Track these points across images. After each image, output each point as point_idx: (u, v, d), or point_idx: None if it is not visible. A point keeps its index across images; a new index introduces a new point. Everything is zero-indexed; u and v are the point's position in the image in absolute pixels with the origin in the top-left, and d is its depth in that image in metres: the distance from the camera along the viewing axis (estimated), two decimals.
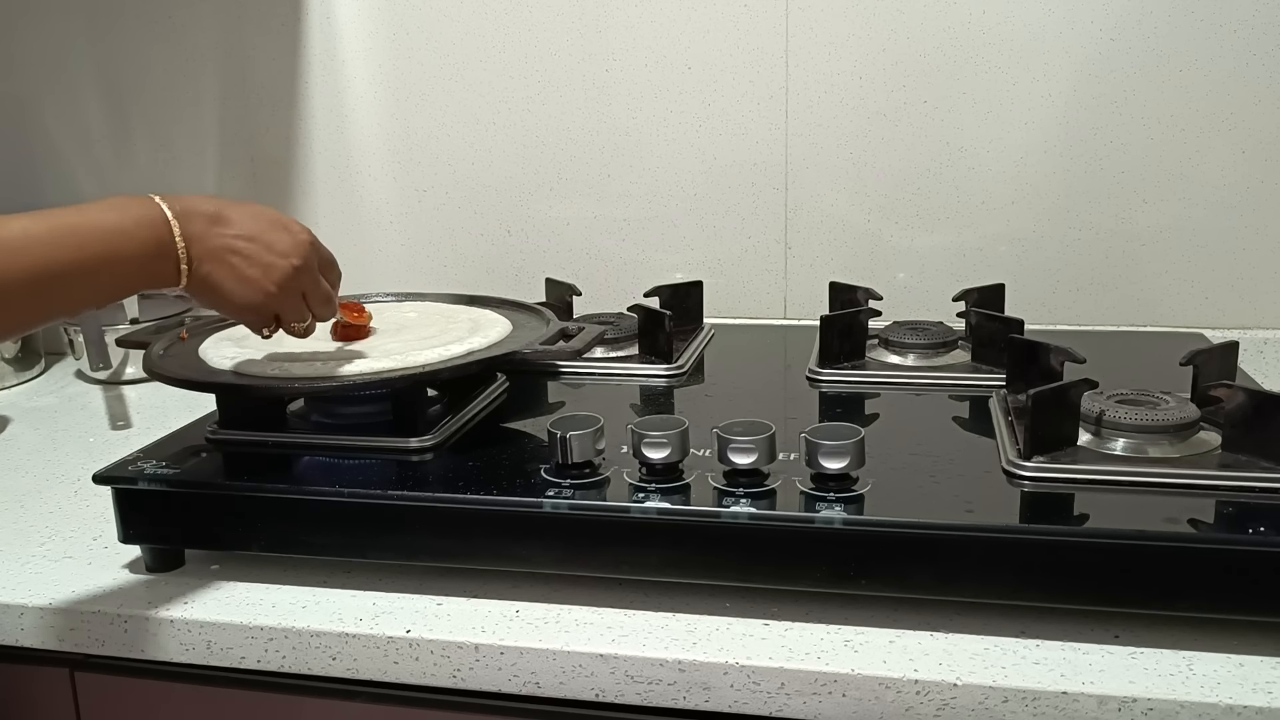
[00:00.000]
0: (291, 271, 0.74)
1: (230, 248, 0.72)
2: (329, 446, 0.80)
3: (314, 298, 0.77)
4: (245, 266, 0.72)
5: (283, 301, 0.75)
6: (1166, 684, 0.60)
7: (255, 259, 0.73)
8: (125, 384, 1.21)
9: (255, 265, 0.72)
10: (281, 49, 1.28)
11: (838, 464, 0.68)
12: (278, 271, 0.73)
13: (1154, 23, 1.07)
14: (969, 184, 1.15)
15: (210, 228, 0.71)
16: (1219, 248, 1.11)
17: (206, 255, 0.71)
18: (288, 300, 0.75)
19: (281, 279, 0.74)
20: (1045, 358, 0.80)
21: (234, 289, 0.72)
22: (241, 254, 0.72)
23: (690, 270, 1.22)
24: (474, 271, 1.29)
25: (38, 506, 0.89)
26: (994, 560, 0.65)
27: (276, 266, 0.73)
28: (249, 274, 0.72)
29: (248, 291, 0.73)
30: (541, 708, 0.69)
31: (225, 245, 0.72)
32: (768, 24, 1.15)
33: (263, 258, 0.73)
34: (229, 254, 0.72)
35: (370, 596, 0.72)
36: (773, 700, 0.63)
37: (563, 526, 0.70)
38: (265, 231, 0.73)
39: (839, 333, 0.96)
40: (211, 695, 0.75)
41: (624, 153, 1.22)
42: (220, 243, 0.71)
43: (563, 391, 0.95)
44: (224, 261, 0.71)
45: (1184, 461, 0.71)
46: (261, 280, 0.73)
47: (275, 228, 0.74)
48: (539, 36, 1.21)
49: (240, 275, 0.72)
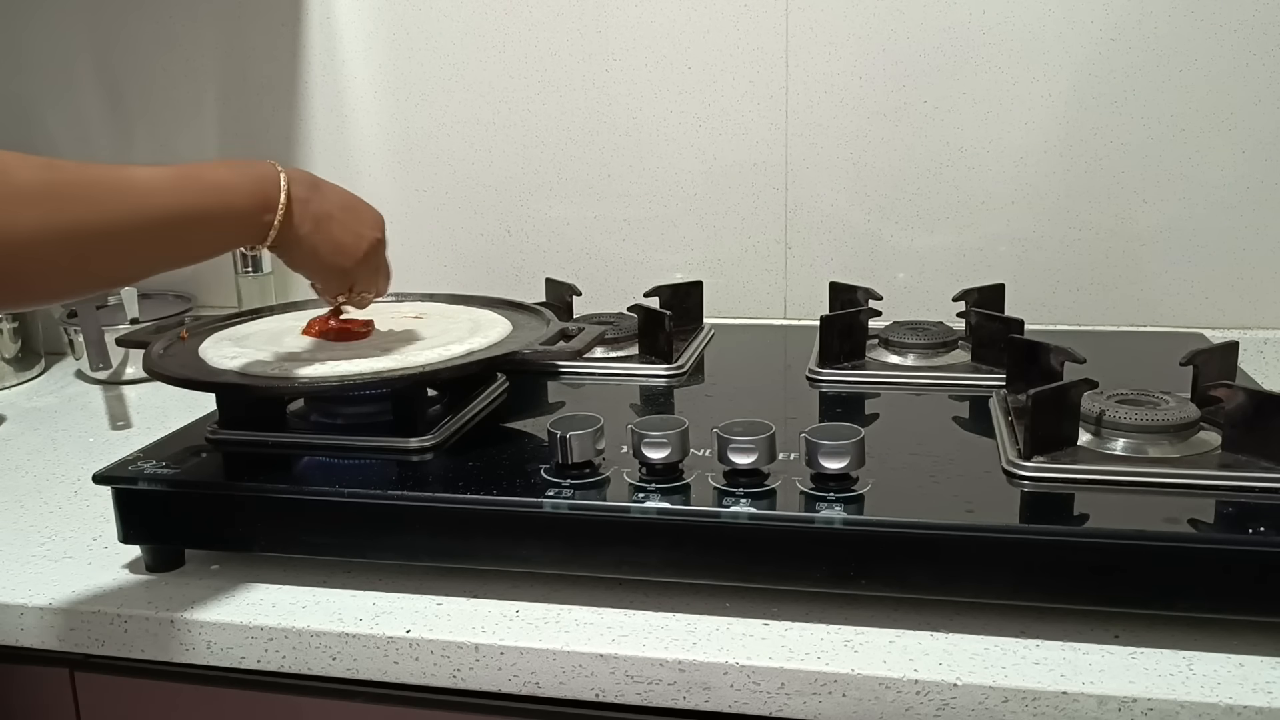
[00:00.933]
0: (375, 243, 0.81)
1: (328, 214, 0.77)
2: (329, 446, 0.80)
3: (384, 271, 0.85)
4: (340, 233, 0.78)
5: (363, 269, 0.81)
6: (1166, 684, 0.60)
7: (348, 227, 0.79)
8: (125, 384, 1.21)
9: (348, 233, 0.79)
10: (281, 49, 1.28)
11: (838, 464, 0.68)
12: (365, 241, 0.80)
13: (1154, 23, 1.07)
14: (969, 184, 1.15)
15: (312, 193, 0.76)
16: (1219, 248, 1.11)
17: (307, 217, 0.75)
18: (366, 268, 0.81)
19: (368, 248, 0.80)
20: (1045, 358, 0.80)
21: (328, 252, 0.78)
22: (337, 221, 0.78)
23: (690, 270, 1.22)
24: (474, 271, 1.29)
25: (38, 506, 0.89)
26: (994, 560, 0.65)
27: (365, 237, 0.80)
28: (342, 240, 0.78)
29: (339, 256, 0.79)
30: (541, 708, 0.69)
31: (324, 211, 0.77)
32: (768, 24, 1.15)
33: (353, 227, 0.79)
34: (326, 219, 0.77)
35: (370, 596, 0.72)
36: (773, 700, 0.63)
37: (563, 526, 0.70)
38: (354, 205, 0.80)
39: (839, 333, 0.96)
40: (211, 695, 0.75)
41: (624, 153, 1.22)
42: (320, 208, 0.76)
43: (563, 391, 0.95)
44: (321, 226, 0.77)
45: (1184, 461, 0.71)
46: (351, 248, 0.79)
47: (361, 203, 0.81)
48: (539, 36, 1.21)
49: (334, 240, 0.78)
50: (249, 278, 1.24)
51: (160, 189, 0.67)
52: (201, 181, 0.70)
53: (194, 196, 0.68)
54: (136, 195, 0.65)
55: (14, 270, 0.60)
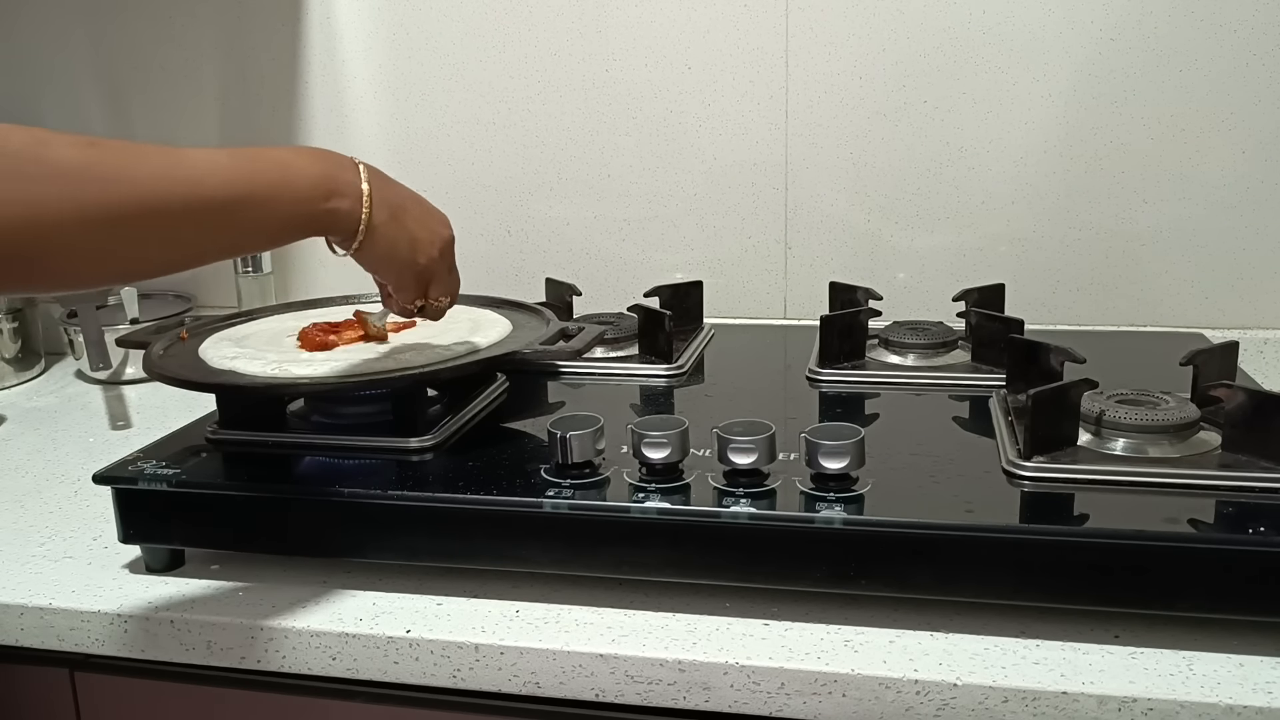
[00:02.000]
0: (449, 241, 0.75)
1: (403, 205, 0.71)
2: (329, 446, 0.80)
3: (455, 274, 0.78)
4: (416, 228, 0.72)
5: (439, 269, 0.75)
6: (1166, 684, 0.60)
7: (423, 222, 0.73)
8: (125, 384, 1.21)
9: (423, 228, 0.73)
10: (281, 48, 1.28)
11: (838, 464, 0.68)
12: (440, 240, 0.74)
13: (1154, 23, 1.07)
14: (969, 184, 1.15)
15: (387, 185, 0.70)
16: (1219, 248, 1.11)
17: (384, 203, 0.69)
18: (443, 266, 0.76)
19: (443, 246, 0.75)
20: (1045, 358, 0.80)
21: (405, 248, 0.72)
22: (412, 214, 0.72)
23: (690, 270, 1.22)
24: (474, 271, 1.28)
25: (38, 506, 0.89)
26: (994, 560, 0.65)
27: (439, 235, 0.75)
28: (419, 235, 0.72)
29: (416, 253, 0.73)
30: (541, 708, 0.69)
31: (400, 202, 0.71)
32: (768, 24, 1.15)
33: (428, 223, 0.73)
34: (402, 211, 0.71)
35: (370, 596, 0.72)
36: (773, 700, 0.63)
37: (563, 526, 0.70)
38: (424, 200, 0.74)
39: (839, 333, 0.96)
40: (211, 695, 0.75)
41: (624, 153, 1.22)
42: (396, 199, 0.71)
43: (563, 391, 0.95)
44: (398, 218, 0.70)
45: (1184, 461, 0.71)
46: (427, 244, 0.73)
47: (428, 201, 0.75)
48: (539, 36, 1.21)
49: (411, 235, 0.72)
50: (249, 278, 1.24)
51: (213, 169, 0.61)
52: (261, 160, 0.64)
53: (248, 176, 0.62)
54: (184, 175, 0.60)
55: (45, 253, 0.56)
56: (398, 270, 0.74)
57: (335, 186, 0.67)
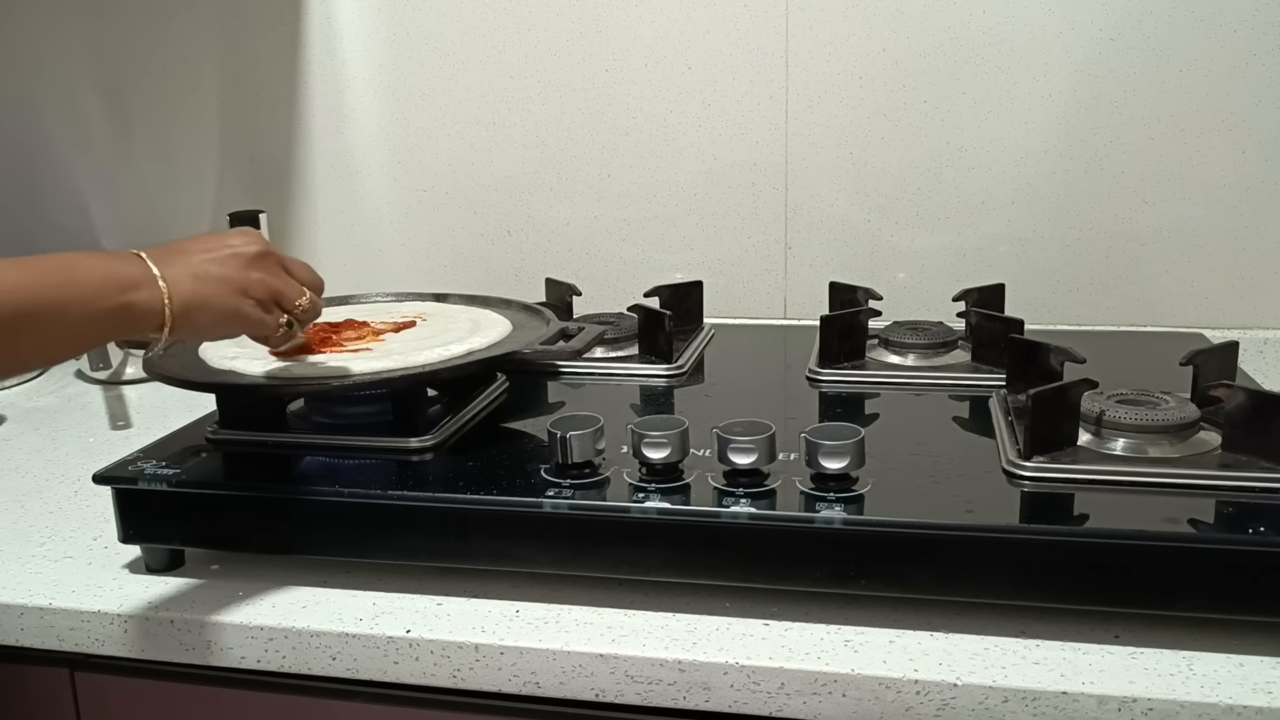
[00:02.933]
0: (256, 252, 0.72)
1: (197, 261, 0.69)
2: (329, 446, 0.80)
3: (294, 267, 0.75)
4: (217, 269, 0.69)
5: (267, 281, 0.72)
6: (1166, 684, 0.60)
7: (222, 258, 0.70)
8: (125, 384, 1.21)
9: (226, 264, 0.70)
10: (281, 49, 1.28)
11: (838, 464, 0.68)
12: (244, 257, 0.71)
13: (1154, 23, 1.07)
14: (969, 184, 1.15)
15: (173, 258, 0.68)
16: (1219, 248, 1.11)
17: (183, 277, 0.68)
18: (271, 278, 0.73)
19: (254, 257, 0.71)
20: (1045, 358, 0.80)
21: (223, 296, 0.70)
22: (208, 260, 0.69)
23: (690, 270, 1.22)
24: (474, 271, 1.29)
25: (38, 506, 0.89)
26: (994, 560, 0.65)
27: (242, 254, 0.71)
28: (224, 273, 0.70)
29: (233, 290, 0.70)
30: (541, 708, 0.69)
31: (193, 261, 0.69)
32: (768, 24, 1.15)
33: (225, 254, 0.70)
34: (199, 266, 0.69)
35: (370, 596, 0.72)
36: (773, 700, 0.63)
37: (563, 526, 0.70)
38: (211, 237, 0.72)
39: (839, 333, 0.96)
40: (211, 695, 0.74)
41: (624, 153, 1.22)
42: (187, 262, 0.69)
43: (563, 391, 0.95)
44: (200, 277, 0.69)
45: (1184, 461, 0.70)
46: (235, 274, 0.70)
47: (217, 234, 0.73)
48: (539, 36, 1.21)
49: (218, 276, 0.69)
50: None
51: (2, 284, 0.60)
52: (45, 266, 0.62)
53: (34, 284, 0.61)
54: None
55: None
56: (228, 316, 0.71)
57: (124, 280, 0.65)
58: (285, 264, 0.75)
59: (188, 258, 0.69)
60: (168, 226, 1.37)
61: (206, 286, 0.69)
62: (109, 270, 0.65)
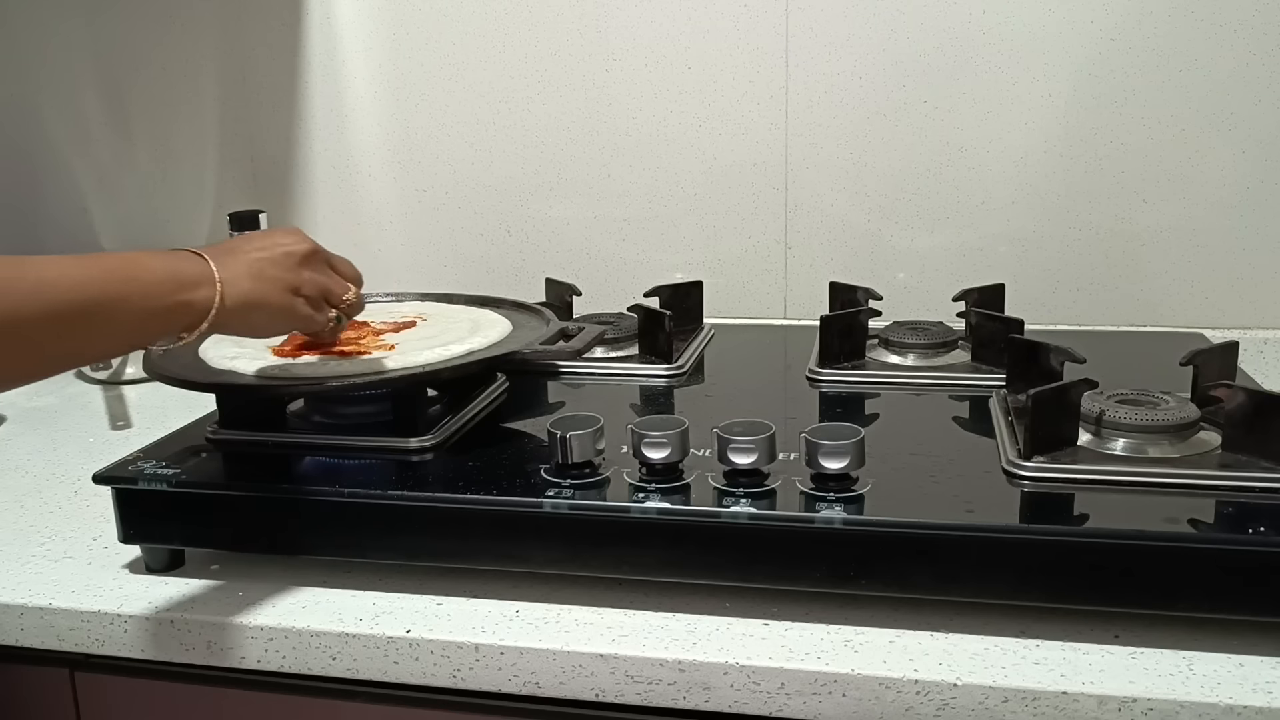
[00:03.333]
0: (306, 251, 0.75)
1: (252, 260, 0.72)
2: (329, 446, 0.80)
3: (338, 263, 0.79)
4: (270, 269, 0.72)
5: (316, 279, 0.76)
6: (1166, 684, 0.60)
7: (274, 258, 0.73)
8: (125, 384, 1.21)
9: (279, 264, 0.73)
10: (281, 49, 1.29)
11: (838, 464, 0.68)
12: (296, 256, 0.74)
13: (1154, 23, 1.07)
14: (969, 184, 1.15)
15: (228, 257, 0.71)
16: (1219, 248, 1.11)
17: (240, 276, 0.70)
18: (320, 275, 0.76)
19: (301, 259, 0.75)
20: (1045, 358, 0.80)
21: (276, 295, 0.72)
22: (262, 260, 0.72)
23: (690, 270, 1.22)
24: (474, 271, 1.29)
25: (38, 506, 0.89)
26: (994, 560, 0.65)
27: (294, 252, 0.74)
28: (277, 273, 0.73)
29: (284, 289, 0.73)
30: (541, 708, 0.69)
31: (247, 260, 0.72)
32: (768, 24, 1.15)
33: (278, 253, 0.73)
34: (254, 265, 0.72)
35: (370, 596, 0.72)
36: (773, 700, 0.63)
37: (563, 526, 0.70)
38: (262, 236, 0.75)
39: (839, 333, 0.96)
40: (211, 695, 0.75)
41: (624, 153, 1.22)
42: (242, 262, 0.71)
43: (563, 391, 0.95)
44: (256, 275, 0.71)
45: (1184, 461, 0.70)
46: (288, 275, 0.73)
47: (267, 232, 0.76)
48: (539, 36, 1.21)
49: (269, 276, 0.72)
50: None
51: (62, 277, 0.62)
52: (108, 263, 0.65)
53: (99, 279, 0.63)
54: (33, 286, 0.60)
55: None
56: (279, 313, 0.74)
57: (184, 278, 0.67)
58: (331, 261, 0.78)
59: (243, 256, 0.72)
60: (168, 226, 1.37)
61: (262, 285, 0.71)
62: (169, 269, 0.67)
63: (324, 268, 0.77)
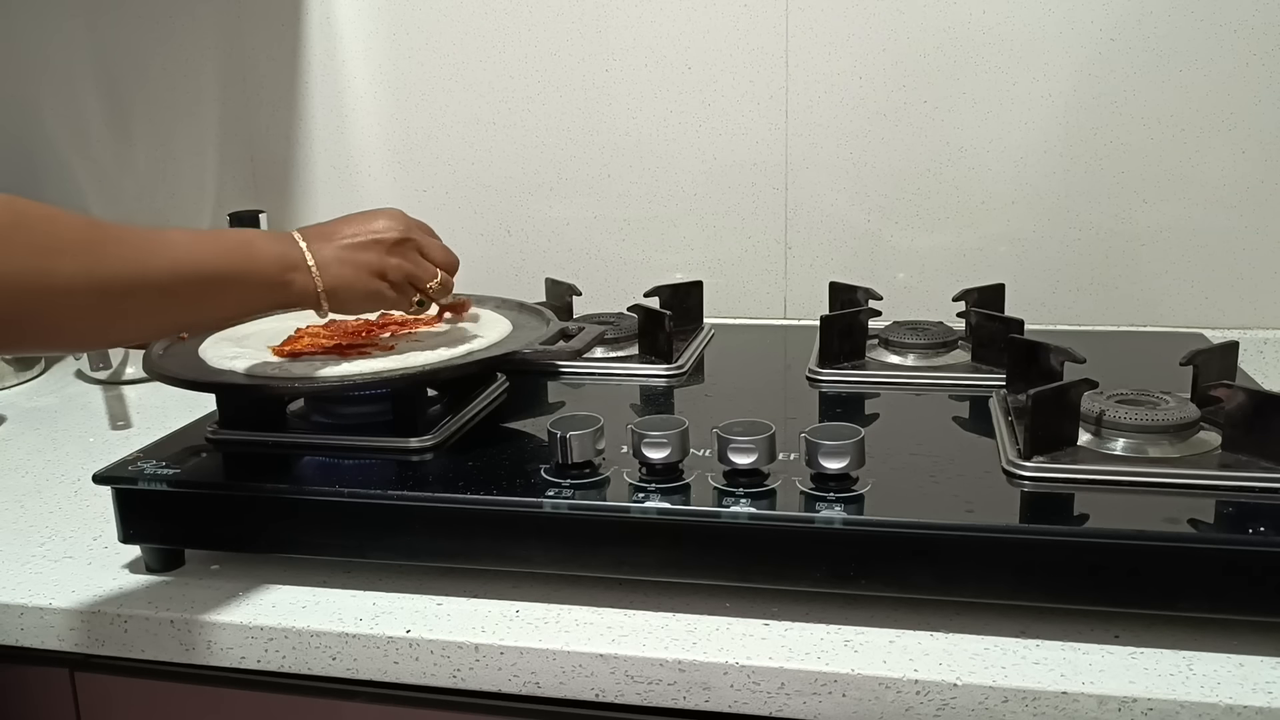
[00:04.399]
0: (399, 238, 0.80)
1: (343, 246, 0.77)
2: (329, 446, 0.80)
3: (432, 251, 0.83)
4: (360, 254, 0.78)
5: (403, 266, 0.80)
6: (1166, 684, 0.60)
7: (364, 244, 0.78)
8: (125, 384, 1.21)
9: (368, 250, 0.78)
10: (281, 49, 1.29)
11: (838, 464, 0.68)
12: (386, 243, 0.79)
13: (1154, 23, 1.07)
14: (969, 184, 1.15)
15: (323, 243, 0.76)
16: (1219, 248, 1.11)
17: (331, 261, 0.76)
18: (408, 261, 0.81)
19: (394, 243, 0.80)
20: (1045, 358, 0.80)
21: (364, 280, 0.78)
22: (353, 246, 0.78)
23: (690, 270, 1.22)
24: (474, 271, 1.28)
25: (38, 506, 0.89)
26: (994, 560, 0.65)
27: (384, 239, 0.79)
28: (365, 258, 0.78)
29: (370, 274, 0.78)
30: (541, 708, 0.69)
31: (339, 246, 0.77)
32: (768, 24, 1.15)
33: (368, 239, 0.78)
34: (344, 252, 0.77)
35: (370, 596, 0.72)
36: (773, 700, 0.63)
37: (563, 526, 0.70)
38: (359, 220, 0.80)
39: (839, 333, 0.96)
40: (211, 695, 0.75)
41: (624, 153, 1.22)
42: (334, 248, 0.77)
43: (563, 391, 0.95)
44: (345, 261, 0.77)
45: (1184, 461, 0.71)
46: (376, 261, 0.78)
47: (365, 215, 0.81)
48: (539, 36, 1.21)
49: (358, 262, 0.77)
50: None
51: (190, 250, 0.68)
52: (228, 241, 0.72)
53: (223, 255, 0.70)
54: (170, 255, 0.67)
55: (50, 316, 0.62)
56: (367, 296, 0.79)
57: (290, 260, 0.74)
58: (422, 247, 0.83)
59: (336, 241, 0.77)
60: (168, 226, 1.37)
61: (349, 270, 0.77)
62: (279, 250, 0.74)
63: (413, 254, 0.81)
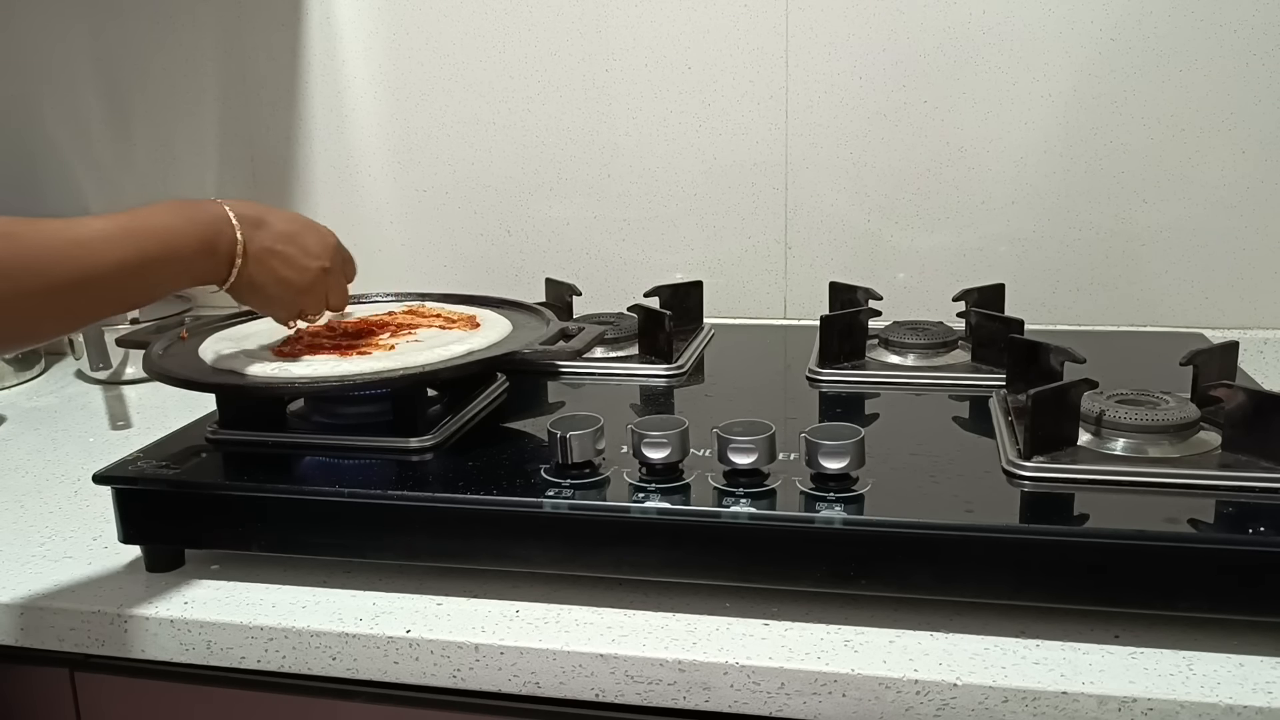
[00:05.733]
0: (320, 273, 0.81)
1: (271, 250, 0.78)
2: (329, 446, 0.80)
3: (334, 294, 0.85)
4: (282, 268, 0.79)
5: (308, 298, 0.82)
6: (1166, 684, 0.60)
7: (292, 261, 0.79)
8: (125, 384, 1.21)
9: (291, 267, 0.79)
10: (281, 49, 1.28)
11: (838, 464, 0.68)
12: (310, 273, 0.80)
13: (1154, 23, 1.07)
14: (969, 184, 1.15)
15: (254, 231, 0.77)
16: (1219, 248, 1.11)
17: (252, 257, 0.76)
18: (313, 297, 0.82)
19: (312, 280, 0.81)
20: (1045, 358, 0.80)
21: (273, 289, 0.79)
22: (280, 256, 0.78)
23: (690, 270, 1.22)
24: (474, 271, 1.29)
25: (38, 506, 0.89)
26: (994, 560, 0.65)
27: (309, 269, 0.80)
28: (285, 275, 0.79)
29: (283, 291, 0.80)
30: (541, 708, 0.69)
31: (267, 248, 0.77)
32: (768, 24, 1.15)
33: (298, 260, 0.79)
34: (270, 256, 0.78)
35: (370, 596, 0.72)
36: (773, 700, 0.63)
37: (563, 526, 0.70)
38: (299, 235, 0.80)
39: (839, 333, 0.96)
40: (211, 695, 0.75)
41: (624, 153, 1.22)
42: (263, 245, 0.77)
43: (563, 391, 0.95)
44: (265, 264, 0.77)
45: (1184, 461, 0.71)
46: (295, 280, 0.80)
47: (307, 231, 0.81)
48: (539, 36, 1.21)
49: (278, 276, 0.79)
50: None
51: (106, 243, 0.68)
52: (145, 230, 0.70)
53: (137, 247, 0.69)
54: (83, 254, 0.66)
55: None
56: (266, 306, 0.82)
57: (213, 245, 0.74)
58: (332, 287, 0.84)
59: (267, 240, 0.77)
60: None
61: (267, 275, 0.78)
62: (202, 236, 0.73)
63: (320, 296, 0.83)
